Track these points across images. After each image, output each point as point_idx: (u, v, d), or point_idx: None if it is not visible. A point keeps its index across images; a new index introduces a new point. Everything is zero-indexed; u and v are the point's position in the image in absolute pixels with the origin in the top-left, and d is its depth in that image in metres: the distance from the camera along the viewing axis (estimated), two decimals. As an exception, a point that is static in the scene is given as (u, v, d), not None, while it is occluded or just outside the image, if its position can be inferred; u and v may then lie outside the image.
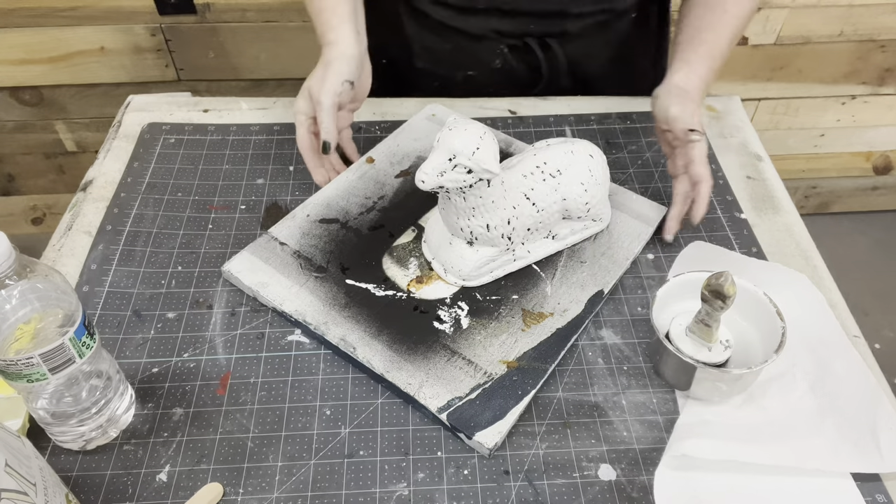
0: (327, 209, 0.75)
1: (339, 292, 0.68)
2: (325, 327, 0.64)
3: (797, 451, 0.57)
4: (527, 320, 0.66)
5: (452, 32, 0.89)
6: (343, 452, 0.58)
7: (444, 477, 0.56)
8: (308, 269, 0.69)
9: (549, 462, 0.57)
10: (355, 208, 0.76)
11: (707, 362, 0.58)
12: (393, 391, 0.61)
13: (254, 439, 0.59)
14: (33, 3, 1.39)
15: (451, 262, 0.68)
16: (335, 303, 0.67)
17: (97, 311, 0.68)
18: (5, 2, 1.39)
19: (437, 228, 0.70)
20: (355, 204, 0.76)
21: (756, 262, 0.72)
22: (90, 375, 0.55)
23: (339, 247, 0.72)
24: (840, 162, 1.88)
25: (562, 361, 0.64)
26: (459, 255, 0.68)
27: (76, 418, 0.55)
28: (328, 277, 0.69)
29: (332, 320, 0.65)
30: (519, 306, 0.67)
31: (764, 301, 0.61)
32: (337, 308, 0.66)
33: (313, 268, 0.69)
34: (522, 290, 0.68)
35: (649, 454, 0.58)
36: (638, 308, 0.69)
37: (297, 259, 0.70)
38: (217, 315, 0.67)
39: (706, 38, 0.77)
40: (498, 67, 0.92)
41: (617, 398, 0.62)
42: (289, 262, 0.70)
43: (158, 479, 0.56)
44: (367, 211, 0.76)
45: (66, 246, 0.74)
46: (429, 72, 0.94)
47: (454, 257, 0.68)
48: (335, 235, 0.73)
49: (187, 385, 0.62)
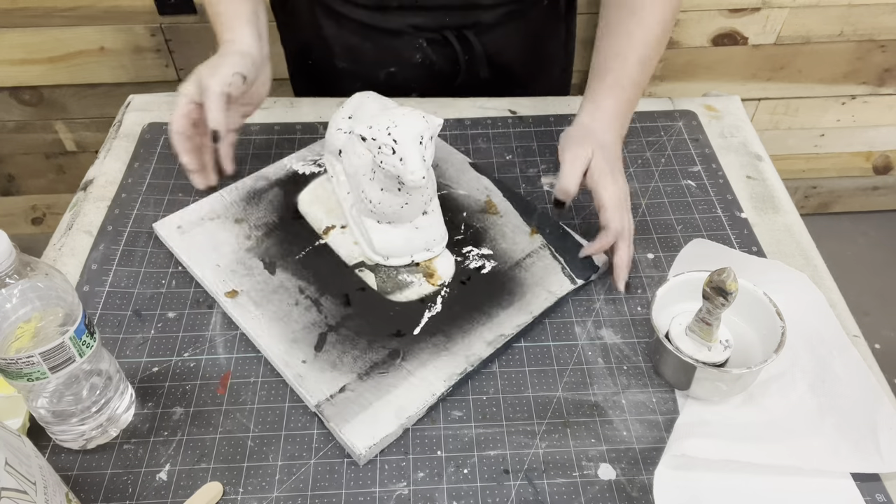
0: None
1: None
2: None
3: (797, 450, 0.57)
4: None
5: (371, 30, 0.90)
6: (343, 452, 0.58)
7: (444, 476, 0.56)
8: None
9: (548, 461, 0.57)
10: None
11: (707, 362, 0.58)
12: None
13: (254, 439, 0.59)
14: (33, 3, 1.39)
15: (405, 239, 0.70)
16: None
17: (97, 310, 0.68)
18: (5, 2, 1.39)
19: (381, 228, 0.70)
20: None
21: (756, 261, 0.72)
22: (90, 374, 0.55)
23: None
24: (840, 162, 1.88)
25: (562, 361, 0.64)
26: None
27: (77, 417, 0.55)
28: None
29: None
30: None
31: (764, 301, 0.61)
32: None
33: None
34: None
35: (649, 454, 0.58)
36: (638, 308, 0.69)
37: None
38: (217, 315, 0.67)
39: (612, 66, 0.73)
40: (418, 62, 0.92)
41: (617, 398, 0.62)
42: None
43: (159, 479, 0.56)
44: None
45: (66, 245, 0.74)
46: (350, 71, 0.95)
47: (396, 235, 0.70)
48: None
49: (187, 385, 0.62)
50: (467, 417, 0.60)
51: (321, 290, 0.68)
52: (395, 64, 0.93)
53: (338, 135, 0.74)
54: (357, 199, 0.70)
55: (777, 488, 0.56)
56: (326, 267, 0.70)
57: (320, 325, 0.65)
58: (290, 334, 0.64)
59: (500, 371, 0.64)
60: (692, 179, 0.82)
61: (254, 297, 0.67)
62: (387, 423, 0.58)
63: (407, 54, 0.91)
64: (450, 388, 0.61)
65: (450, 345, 0.64)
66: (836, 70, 1.66)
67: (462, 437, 0.59)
